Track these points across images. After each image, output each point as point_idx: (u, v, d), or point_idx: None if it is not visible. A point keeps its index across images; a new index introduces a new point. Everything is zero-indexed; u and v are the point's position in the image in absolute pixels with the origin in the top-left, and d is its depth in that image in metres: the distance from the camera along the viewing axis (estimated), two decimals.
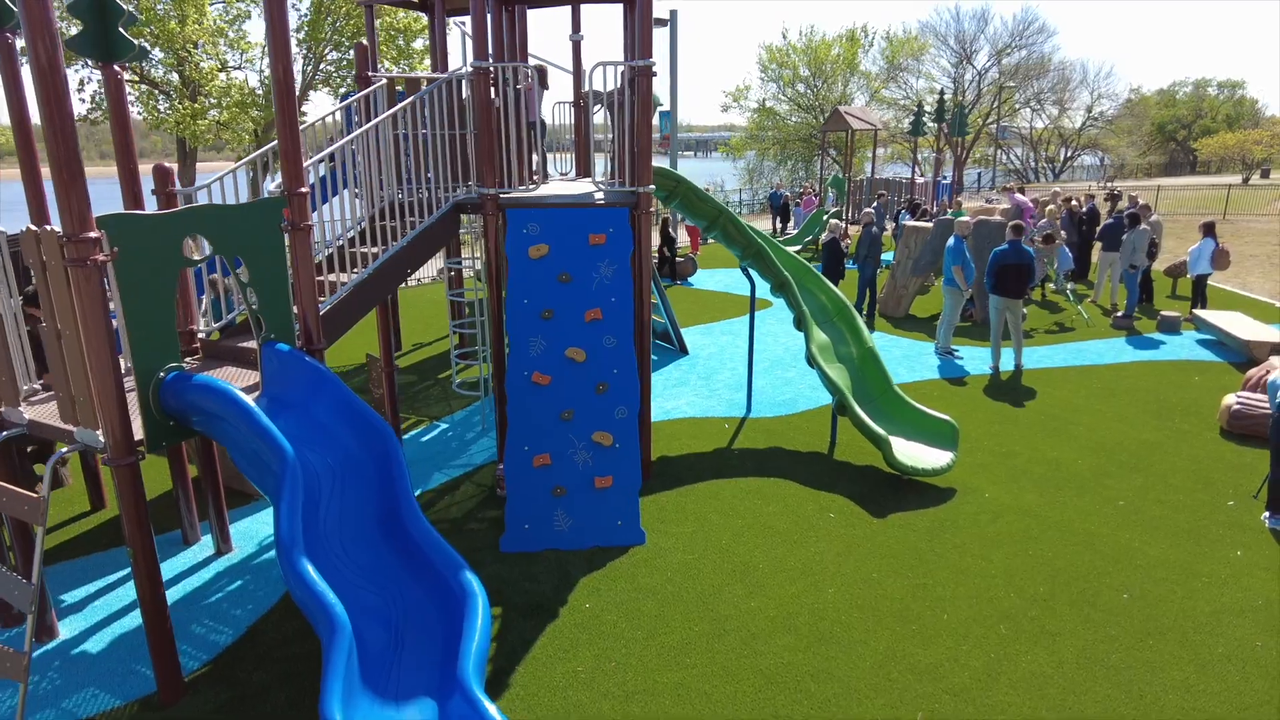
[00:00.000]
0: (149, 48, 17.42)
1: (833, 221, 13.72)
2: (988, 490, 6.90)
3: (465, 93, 6.88)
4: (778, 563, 5.81)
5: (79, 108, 17.61)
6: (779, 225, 24.33)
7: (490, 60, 6.37)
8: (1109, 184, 39.34)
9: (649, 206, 6.61)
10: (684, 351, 11.47)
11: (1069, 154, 52.95)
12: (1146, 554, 5.85)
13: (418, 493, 7.10)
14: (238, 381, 5.13)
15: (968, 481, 7.06)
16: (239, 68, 19.16)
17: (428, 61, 19.32)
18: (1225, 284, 15.53)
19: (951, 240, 10.67)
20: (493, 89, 6.91)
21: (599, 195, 6.79)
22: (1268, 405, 7.77)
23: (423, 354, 11.69)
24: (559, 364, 6.32)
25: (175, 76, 18.33)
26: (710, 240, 16.51)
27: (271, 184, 5.75)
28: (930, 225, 12.97)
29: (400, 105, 6.41)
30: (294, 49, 20.67)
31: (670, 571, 5.72)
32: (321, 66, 19.97)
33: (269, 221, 4.77)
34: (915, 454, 7.03)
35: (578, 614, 5.25)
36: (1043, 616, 5.13)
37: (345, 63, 19.80)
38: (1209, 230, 12.30)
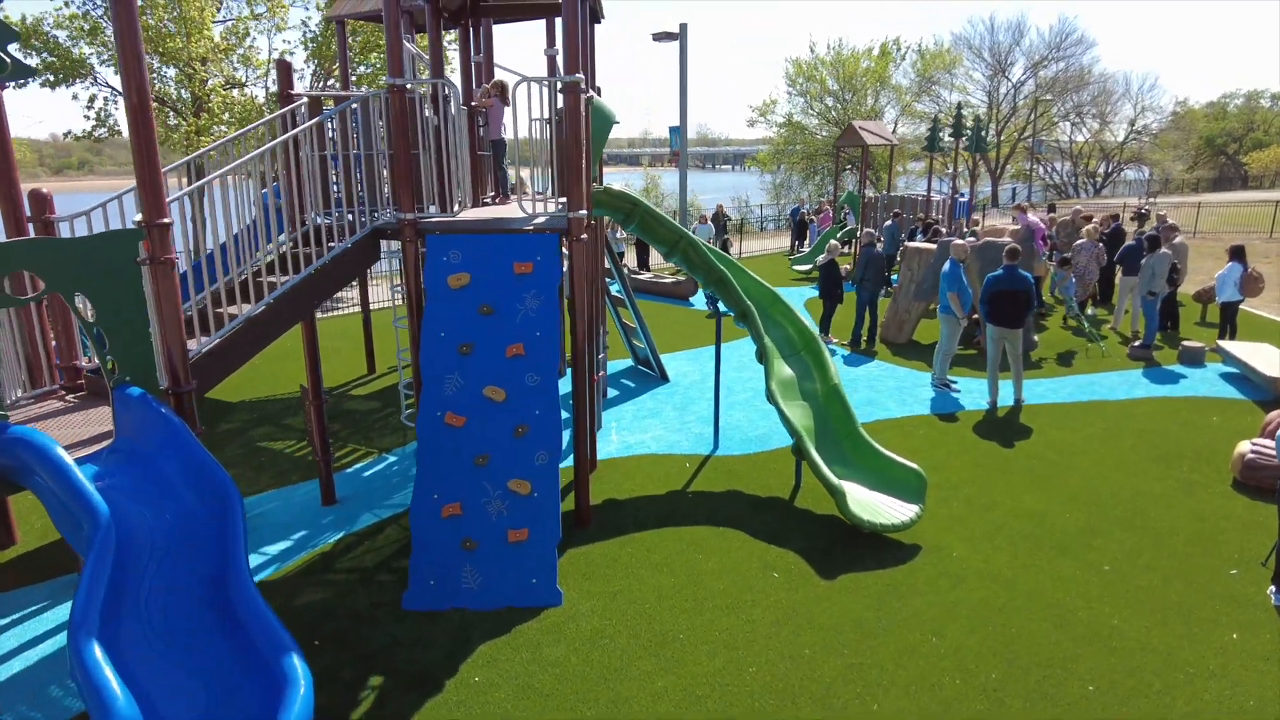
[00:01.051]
0: (158, 65, 17.52)
1: (831, 242, 13.04)
2: (956, 548, 6.19)
3: (428, 112, 6.46)
4: (701, 632, 5.20)
5: (83, 124, 17.76)
6: (796, 243, 23.65)
7: (418, 77, 5.94)
8: (1150, 200, 37.80)
9: (581, 232, 6.09)
10: (664, 378, 10.91)
11: (1110, 169, 51.14)
12: (1125, 635, 5.11)
13: (339, 536, 6.64)
14: (106, 425, 4.73)
15: (935, 537, 6.36)
16: (247, 85, 19.18)
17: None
18: (1263, 310, 14.45)
19: (947, 265, 9.94)
20: (429, 107, 6.50)
21: (541, 220, 6.29)
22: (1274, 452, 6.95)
23: (395, 378, 11.29)
24: (476, 403, 5.83)
25: (187, 94, 18.40)
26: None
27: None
28: (934, 247, 12.23)
29: (300, 127, 5.98)
30: (300, 64, 20.57)
31: (579, 641, 5.15)
32: (329, 82, 19.88)
33: (121, 256, 4.35)
34: (877, 506, 6.36)
35: (464, 689, 4.71)
36: (988, 713, 4.44)
37: (362, 78, 19.69)
38: (1237, 254, 11.37)
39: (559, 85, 5.91)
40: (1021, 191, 42.69)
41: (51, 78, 16.45)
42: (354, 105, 6.20)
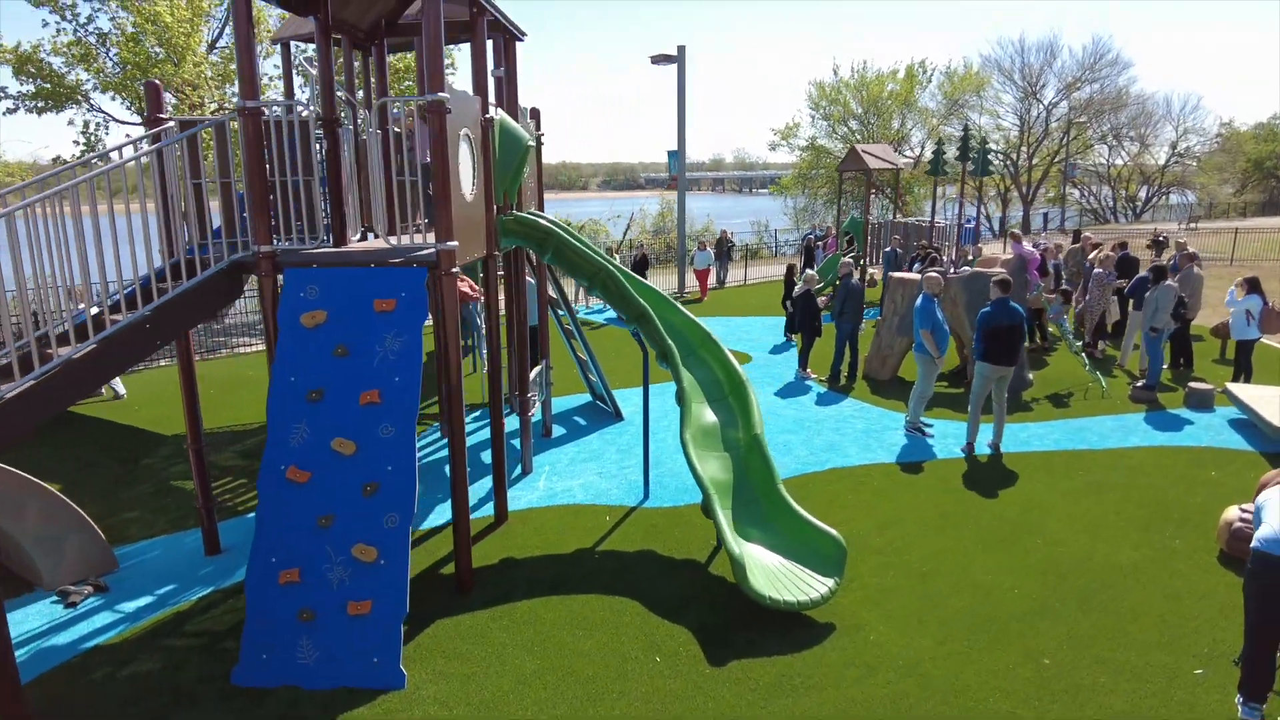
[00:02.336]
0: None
1: (808, 273, 12.26)
2: (876, 629, 5.37)
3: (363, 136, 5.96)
4: None
5: (73, 149, 17.85)
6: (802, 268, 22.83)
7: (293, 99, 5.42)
8: (1191, 225, 36.11)
9: (451, 265, 5.48)
10: (618, 416, 10.22)
11: (1151, 192, 49.22)
12: None
13: (205, 592, 6.06)
14: None
15: (856, 613, 5.55)
16: None
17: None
18: None
19: (919, 300, 9.12)
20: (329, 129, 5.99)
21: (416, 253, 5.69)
22: None
23: None
24: (323, 457, 5.22)
25: None
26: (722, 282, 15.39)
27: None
28: (919, 277, 11.37)
29: (140, 154, 5.47)
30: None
31: None
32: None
33: None
34: (787, 578, 5.57)
35: None
36: None
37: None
38: (1254, 286, 10.32)
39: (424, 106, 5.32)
40: (1054, 216, 41.16)
41: (41, 104, 16.54)
42: (209, 128, 5.70)
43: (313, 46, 7.41)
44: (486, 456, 8.87)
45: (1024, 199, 43.18)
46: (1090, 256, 13.85)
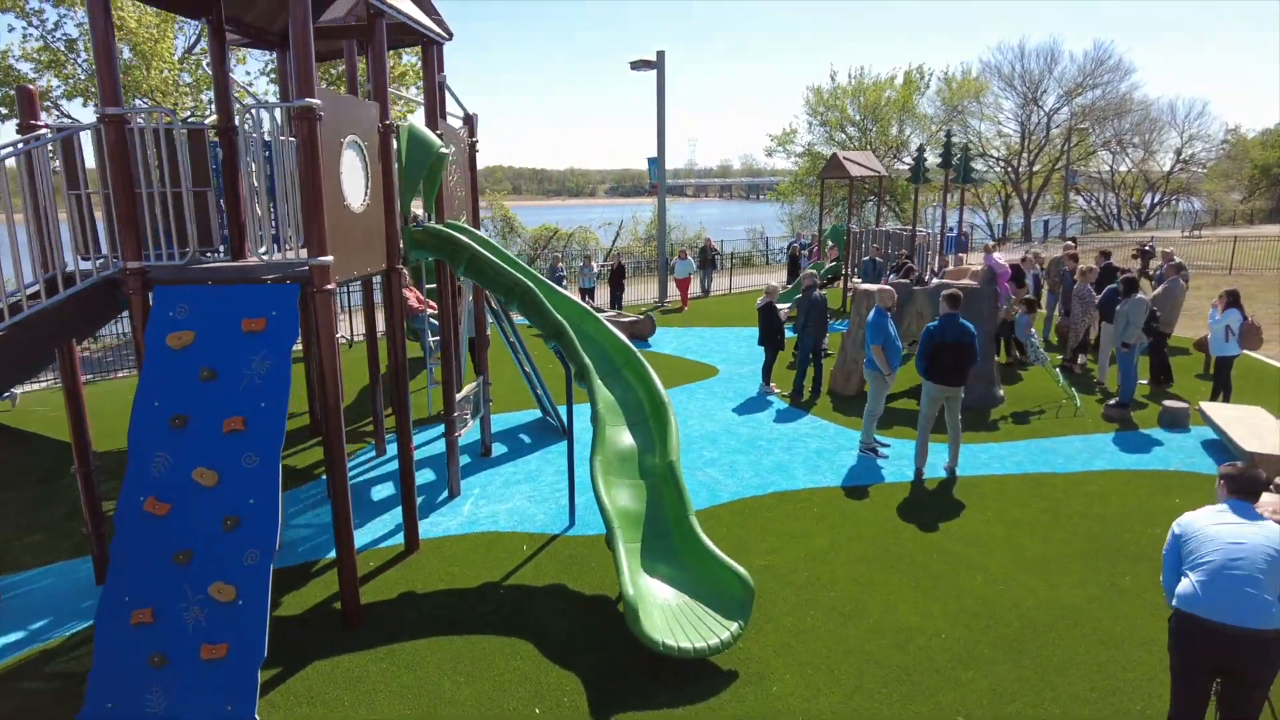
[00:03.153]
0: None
1: (769, 284, 11.83)
2: (781, 679, 4.94)
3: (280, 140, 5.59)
4: None
5: None
6: (790, 278, 22.40)
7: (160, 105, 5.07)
8: (1195, 231, 35.44)
9: (325, 282, 5.10)
10: (566, 434, 9.81)
11: (1156, 199, 48.46)
12: None
13: (83, 626, 5.69)
14: None
15: (764, 660, 5.12)
16: (210, 113, 18.93)
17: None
18: (1278, 362, 12.72)
19: (871, 314, 8.69)
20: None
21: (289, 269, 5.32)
22: None
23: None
24: (183, 488, 4.84)
25: None
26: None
27: None
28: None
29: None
30: (264, 90, 20.32)
31: None
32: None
33: None
34: (690, 619, 5.14)
35: None
36: None
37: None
38: (1234, 300, 9.84)
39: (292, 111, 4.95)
40: (1056, 224, 40.50)
41: (4, 110, 16.32)
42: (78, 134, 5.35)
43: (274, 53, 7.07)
44: (420, 477, 8.50)
45: (1025, 206, 42.57)
46: (1068, 267, 13.36)
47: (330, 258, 5.07)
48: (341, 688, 4.96)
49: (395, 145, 6.33)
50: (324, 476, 8.22)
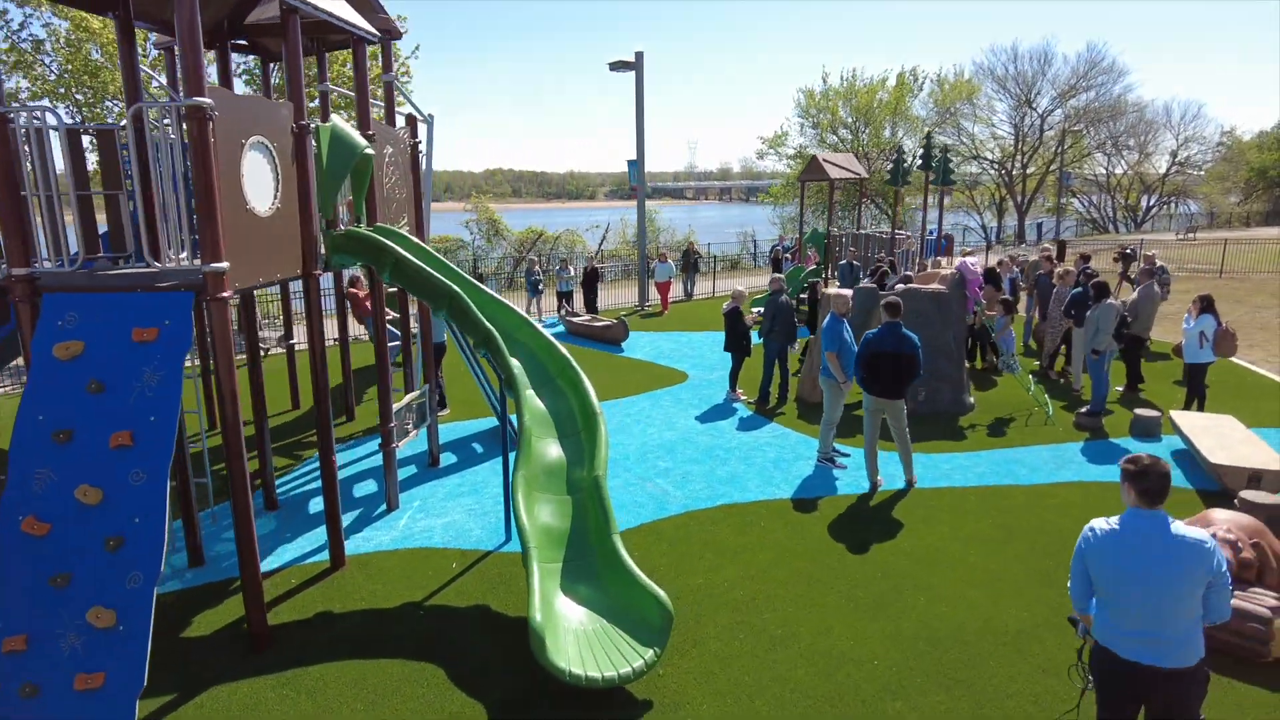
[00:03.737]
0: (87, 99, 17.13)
1: (736, 288, 11.57)
2: (698, 709, 4.66)
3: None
4: None
5: None
6: None
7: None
8: (1189, 234, 35.16)
9: (221, 289, 4.84)
10: (503, 446, 9.53)
11: (1151, 201, 48.15)
12: None
13: None
14: None
15: (682, 688, 4.84)
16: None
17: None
18: (1259, 367, 12.42)
19: (826, 320, 8.42)
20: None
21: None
22: None
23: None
24: (65, 506, 4.59)
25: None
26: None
27: None
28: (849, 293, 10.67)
29: None
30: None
31: None
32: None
33: None
34: (606, 645, 4.87)
35: None
36: None
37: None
38: (1207, 306, 9.56)
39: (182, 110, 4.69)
40: (1050, 227, 40.20)
41: None
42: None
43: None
44: (361, 489, 8.25)
45: (1019, 208, 42.30)
46: (1044, 270, 13.08)
47: (225, 264, 4.81)
48: (236, 715, 4.69)
49: (315, 147, 6.08)
50: (259, 489, 7.96)
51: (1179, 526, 3.31)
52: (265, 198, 5.39)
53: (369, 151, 6.45)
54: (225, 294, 4.85)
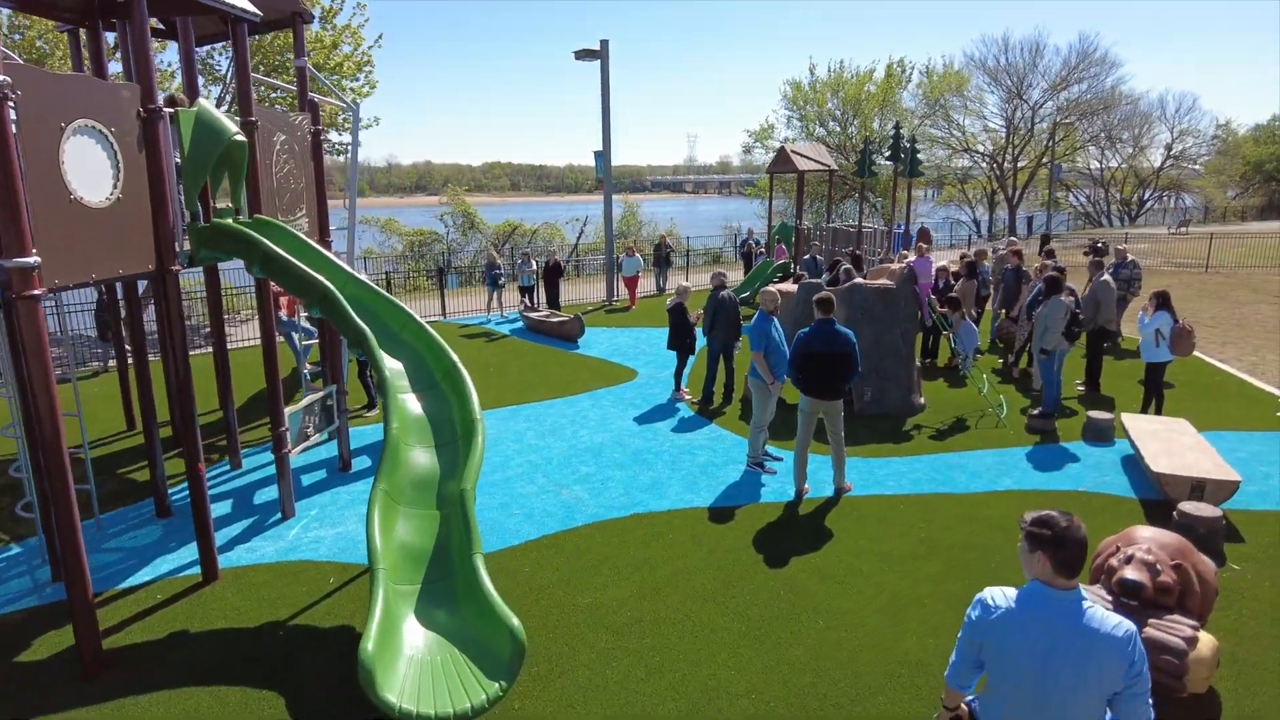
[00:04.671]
0: None
1: (681, 284, 11.14)
2: None
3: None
4: None
5: None
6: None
7: None
8: (1181, 229, 34.61)
9: (28, 288, 4.41)
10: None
11: (1145, 195, 47.51)
12: None
13: None
14: None
15: None
16: None
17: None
18: (1229, 366, 11.95)
19: (755, 318, 7.98)
20: None
21: None
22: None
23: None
24: None
25: None
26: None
27: None
28: (794, 289, 10.25)
29: None
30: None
31: None
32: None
33: None
34: (453, 677, 4.44)
35: None
36: None
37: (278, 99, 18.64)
38: (1163, 302, 9.10)
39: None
40: (1040, 219, 39.63)
41: None
42: None
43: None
44: (264, 495, 7.84)
45: (1009, 202, 41.72)
46: (1010, 265, 12.61)
47: (33, 259, 4.38)
48: None
49: (178, 133, 5.64)
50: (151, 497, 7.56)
51: (1095, 613, 2.65)
52: (99, 188, 4.95)
53: (239, 138, 6.01)
54: (35, 292, 4.42)
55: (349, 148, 21.74)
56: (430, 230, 29.54)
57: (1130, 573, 4.83)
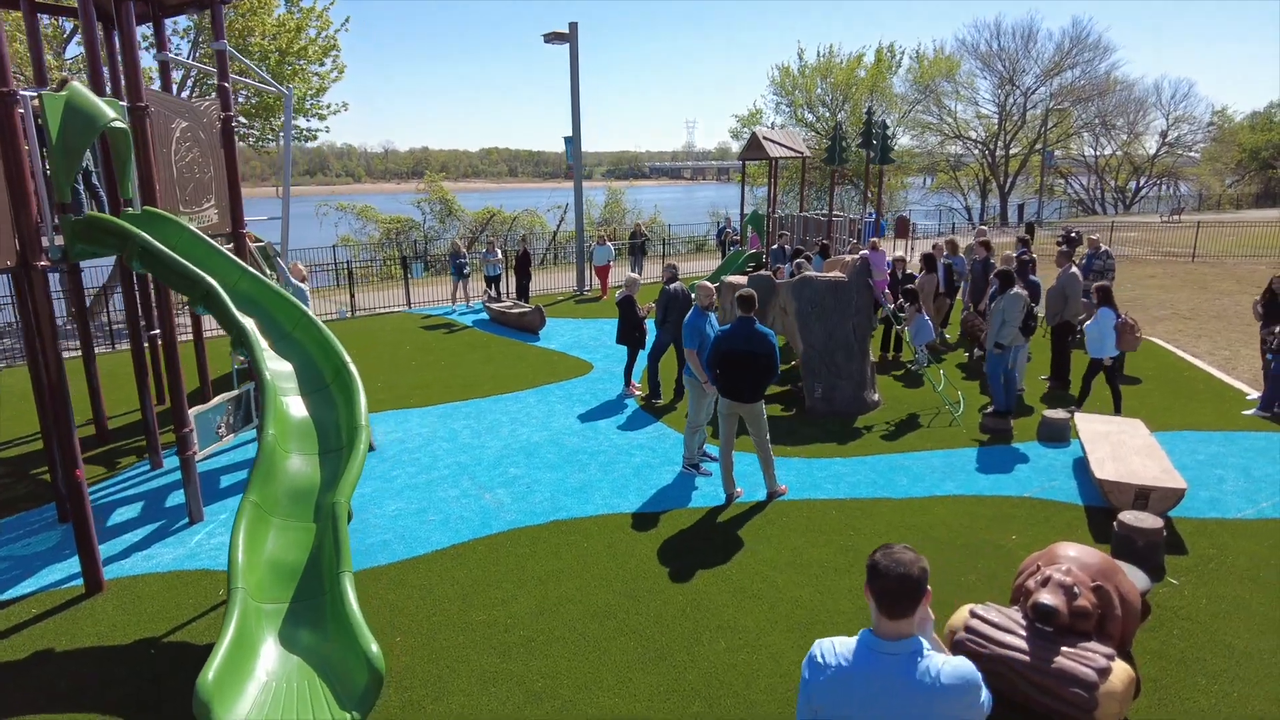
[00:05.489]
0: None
1: (629, 275, 10.77)
2: None
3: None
4: None
5: None
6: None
7: None
8: (1174, 216, 34.14)
9: None
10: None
11: (1141, 183, 46.95)
12: None
13: None
14: None
15: None
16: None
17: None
18: (1201, 361, 11.60)
19: (689, 314, 7.63)
20: None
21: None
22: (1005, 635, 4.51)
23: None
24: None
25: None
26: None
27: None
28: (742, 280, 9.89)
29: None
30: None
31: None
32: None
33: None
34: (301, 708, 4.12)
35: None
36: None
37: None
38: (1105, 297, 8.73)
39: None
40: (1031, 207, 39.11)
41: None
42: None
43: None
44: (176, 498, 7.51)
45: (1001, 190, 41.22)
46: (978, 256, 12.24)
47: None
48: None
49: (41, 119, 5.28)
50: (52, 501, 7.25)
51: (931, 663, 2.29)
52: None
53: (118, 124, 5.63)
54: None
55: (316, 134, 21.31)
56: (407, 218, 29.09)
57: (1045, 597, 4.51)
